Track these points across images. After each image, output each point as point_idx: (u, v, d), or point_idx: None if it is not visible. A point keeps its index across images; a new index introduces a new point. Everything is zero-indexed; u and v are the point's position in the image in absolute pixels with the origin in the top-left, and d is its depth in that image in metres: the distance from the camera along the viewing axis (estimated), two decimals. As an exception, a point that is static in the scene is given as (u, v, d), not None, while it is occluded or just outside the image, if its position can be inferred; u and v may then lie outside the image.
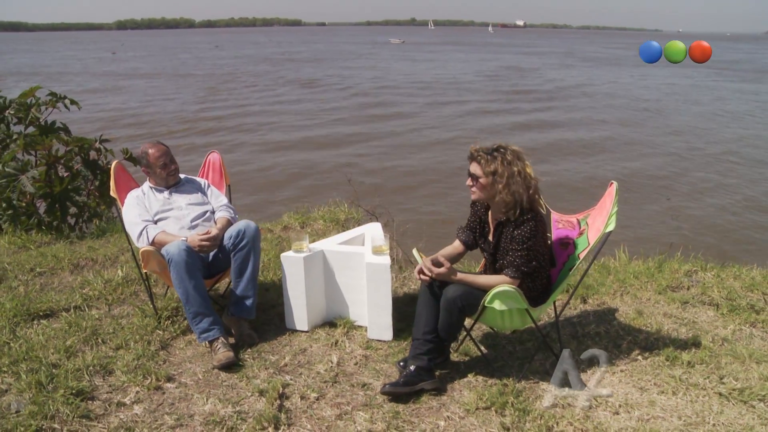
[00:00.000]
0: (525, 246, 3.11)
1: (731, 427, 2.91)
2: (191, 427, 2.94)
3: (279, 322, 4.02)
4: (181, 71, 45.12)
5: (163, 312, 4.04)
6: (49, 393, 3.09)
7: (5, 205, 6.11)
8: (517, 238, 3.13)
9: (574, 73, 42.56)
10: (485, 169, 3.12)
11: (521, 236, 3.11)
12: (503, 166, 3.09)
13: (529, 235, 3.11)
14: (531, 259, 3.14)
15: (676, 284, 4.63)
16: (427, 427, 2.94)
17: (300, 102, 27.38)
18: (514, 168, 3.10)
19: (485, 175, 3.13)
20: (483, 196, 3.21)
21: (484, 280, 3.19)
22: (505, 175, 3.09)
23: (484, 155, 3.13)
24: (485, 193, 3.18)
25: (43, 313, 4.07)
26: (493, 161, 3.10)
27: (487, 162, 3.11)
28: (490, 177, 3.12)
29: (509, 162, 3.10)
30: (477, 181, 3.17)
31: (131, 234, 3.89)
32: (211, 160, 4.60)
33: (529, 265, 3.14)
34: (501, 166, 3.09)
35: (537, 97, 29.09)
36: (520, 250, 3.12)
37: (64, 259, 5.08)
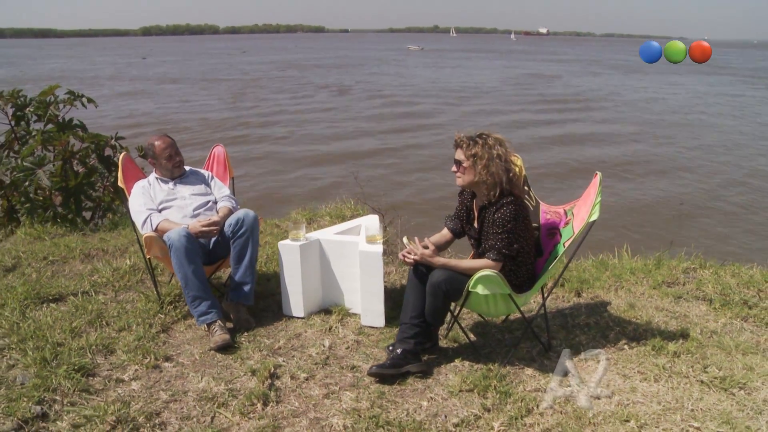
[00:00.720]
0: (505, 229, 3.21)
1: (708, 412, 2.96)
2: (184, 402, 3.07)
3: (277, 309, 4.15)
4: (211, 76, 45.60)
5: (166, 297, 4.19)
6: (52, 368, 3.25)
7: (23, 198, 6.32)
8: (497, 221, 3.23)
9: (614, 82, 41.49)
10: (467, 152, 3.25)
11: (501, 219, 3.22)
12: (483, 149, 3.23)
13: (509, 218, 3.21)
14: (512, 241, 3.23)
15: (672, 280, 4.67)
16: (410, 406, 3.04)
17: (328, 108, 27.29)
18: (494, 151, 3.23)
19: (467, 158, 3.25)
20: (466, 181, 3.32)
21: (466, 264, 3.29)
22: (485, 157, 3.22)
23: (467, 141, 3.26)
24: (467, 177, 3.30)
25: (52, 297, 4.24)
26: (475, 145, 3.24)
27: (469, 147, 3.25)
28: (471, 159, 3.24)
29: (490, 146, 3.23)
30: (460, 166, 3.29)
31: (136, 222, 4.04)
32: (216, 153, 4.75)
33: (510, 248, 3.24)
34: (481, 149, 3.23)
35: (571, 106, 28.12)
36: (501, 233, 3.23)
37: (75, 249, 5.26)
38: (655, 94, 33.64)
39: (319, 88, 35.65)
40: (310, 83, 38.89)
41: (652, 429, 2.83)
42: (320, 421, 2.92)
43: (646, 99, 31.47)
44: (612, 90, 35.97)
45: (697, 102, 30.55)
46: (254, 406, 3.02)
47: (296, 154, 17.31)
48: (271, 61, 66.61)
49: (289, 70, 52.18)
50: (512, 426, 2.87)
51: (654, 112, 26.41)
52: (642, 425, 2.85)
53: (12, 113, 6.91)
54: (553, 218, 3.62)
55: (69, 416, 2.88)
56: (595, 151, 17.73)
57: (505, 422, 2.88)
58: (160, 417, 2.95)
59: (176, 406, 3.04)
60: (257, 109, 26.70)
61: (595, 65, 62.05)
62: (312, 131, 21.05)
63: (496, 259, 3.24)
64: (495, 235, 3.25)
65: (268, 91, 34.33)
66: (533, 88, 36.48)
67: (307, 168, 15.68)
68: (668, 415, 2.93)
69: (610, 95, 32.90)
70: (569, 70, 54.18)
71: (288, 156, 17.16)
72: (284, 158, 16.91)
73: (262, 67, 55.89)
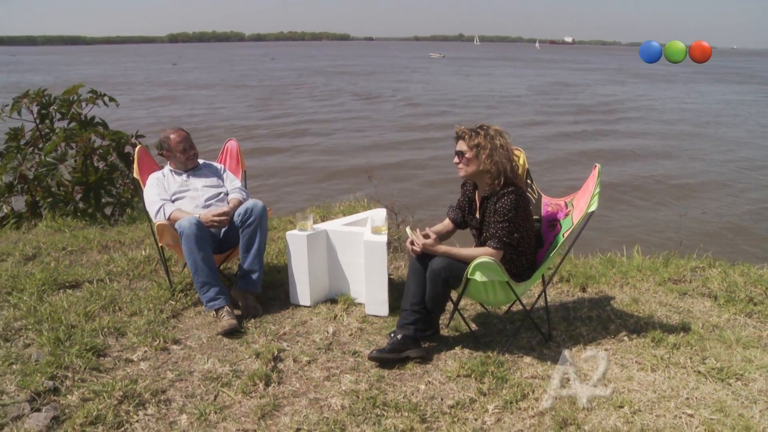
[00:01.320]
0: (506, 218, 3.28)
1: (703, 401, 2.99)
2: (189, 382, 3.17)
3: (284, 299, 4.24)
4: (240, 82, 46.08)
5: (178, 285, 4.30)
6: (65, 348, 3.37)
7: (45, 193, 6.51)
8: (498, 210, 3.30)
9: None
10: (469, 143, 3.32)
11: (502, 208, 3.28)
12: (486, 139, 3.30)
13: (510, 207, 3.27)
14: (512, 230, 3.30)
15: (678, 277, 4.68)
16: (408, 389, 3.11)
17: (356, 116, 27.24)
18: (497, 141, 3.31)
19: (470, 148, 3.32)
20: (469, 171, 3.40)
21: (466, 252, 3.36)
22: (488, 147, 3.29)
23: (469, 132, 3.34)
24: (471, 167, 3.37)
25: (69, 284, 4.38)
26: (477, 136, 3.32)
27: (471, 138, 3.32)
28: (474, 150, 3.32)
29: (492, 137, 3.31)
30: (463, 157, 3.36)
31: (150, 211, 4.17)
32: (228, 147, 4.88)
33: (511, 237, 3.30)
34: (484, 140, 3.30)
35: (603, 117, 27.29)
36: (501, 221, 3.29)
37: (93, 240, 5.42)
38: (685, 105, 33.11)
39: (347, 95, 35.75)
40: (340, 90, 39.02)
41: (645, 415, 2.86)
42: (319, 401, 3.00)
43: (676, 109, 30.90)
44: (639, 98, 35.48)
45: (726, 110, 29.98)
46: (256, 386, 3.11)
47: (324, 162, 17.35)
48: (300, 68, 67.11)
49: (317, 77, 52.49)
50: (507, 409, 2.92)
51: (685, 122, 25.75)
52: (635, 411, 2.89)
53: (37, 111, 7.13)
54: (554, 210, 3.67)
55: (79, 391, 3.00)
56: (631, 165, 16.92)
57: (499, 405, 2.94)
58: (166, 394, 3.05)
59: (181, 385, 3.14)
60: (286, 116, 26.67)
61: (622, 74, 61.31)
62: (340, 139, 21.03)
63: (497, 247, 3.31)
64: (496, 224, 3.32)
65: (296, 97, 34.53)
66: (561, 97, 35.99)
67: (333, 176, 15.66)
68: (662, 403, 2.97)
69: (638, 104, 32.36)
70: (598, 78, 53.63)
71: (316, 165, 17.22)
72: (313, 166, 16.95)
73: (291, 74, 56.33)
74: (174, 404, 2.97)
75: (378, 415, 2.86)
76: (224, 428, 2.78)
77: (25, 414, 2.79)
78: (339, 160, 17.43)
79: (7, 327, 3.65)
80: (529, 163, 3.81)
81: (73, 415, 2.79)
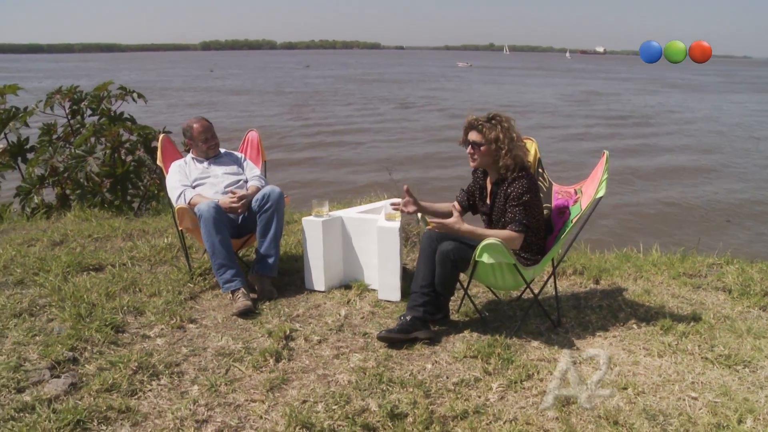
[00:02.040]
0: (522, 201, 3.34)
1: (708, 385, 3.00)
2: (203, 357, 3.27)
3: (300, 285, 4.33)
4: (276, 88, 46.44)
5: (197, 270, 4.42)
6: (86, 323, 3.50)
7: (74, 185, 6.72)
8: (512, 195, 3.36)
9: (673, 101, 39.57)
10: (487, 136, 3.37)
11: (516, 192, 3.34)
12: (503, 132, 3.35)
13: (524, 190, 3.33)
14: (530, 213, 3.35)
15: (693, 272, 4.66)
16: (414, 368, 3.16)
17: (391, 121, 27.24)
18: (513, 134, 3.36)
19: (487, 142, 3.37)
20: (483, 163, 3.45)
21: (491, 233, 3.39)
22: (506, 141, 3.34)
23: (485, 123, 3.38)
24: (486, 160, 3.43)
25: (93, 267, 4.53)
26: (494, 129, 3.36)
27: (489, 130, 3.36)
28: (493, 144, 3.37)
29: (507, 129, 3.36)
30: (478, 149, 3.42)
31: (171, 197, 4.30)
32: (249, 137, 5.00)
33: (530, 219, 3.37)
34: (501, 133, 3.35)
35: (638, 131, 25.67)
36: (518, 205, 3.35)
37: (118, 229, 5.58)
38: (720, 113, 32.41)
39: (383, 102, 35.77)
40: (376, 97, 38.97)
41: (648, 397, 2.88)
42: (327, 377, 3.07)
43: (711, 117, 30.19)
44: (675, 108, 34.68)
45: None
46: (267, 361, 3.20)
47: (361, 164, 17.44)
48: (334, 76, 67.44)
49: (351, 84, 52.65)
50: (511, 388, 2.96)
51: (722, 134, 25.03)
52: (639, 393, 2.91)
53: (69, 107, 7.36)
54: (564, 197, 3.71)
55: (96, 362, 3.12)
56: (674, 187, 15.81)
57: (503, 384, 2.98)
58: (179, 367, 3.15)
59: (195, 359, 3.24)
60: (322, 123, 26.67)
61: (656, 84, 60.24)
62: (377, 145, 21.05)
63: (519, 230, 3.36)
64: (512, 207, 3.37)
65: (333, 104, 34.58)
66: (594, 106, 35.27)
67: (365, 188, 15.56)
68: (667, 386, 2.98)
69: (674, 114, 31.59)
70: (631, 87, 52.85)
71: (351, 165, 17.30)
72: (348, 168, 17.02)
73: (325, 81, 56.60)
74: (186, 376, 3.07)
75: (383, 390, 2.92)
76: (233, 398, 2.86)
77: (45, 380, 2.92)
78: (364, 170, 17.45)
79: (32, 303, 3.80)
80: (566, 173, 3.83)
81: (90, 383, 2.91)
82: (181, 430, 2.61)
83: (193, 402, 2.81)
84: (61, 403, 2.73)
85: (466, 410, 2.75)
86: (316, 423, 2.64)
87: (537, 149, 3.88)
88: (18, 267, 4.43)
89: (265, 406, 2.80)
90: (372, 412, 2.73)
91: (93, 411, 2.67)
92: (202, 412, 2.74)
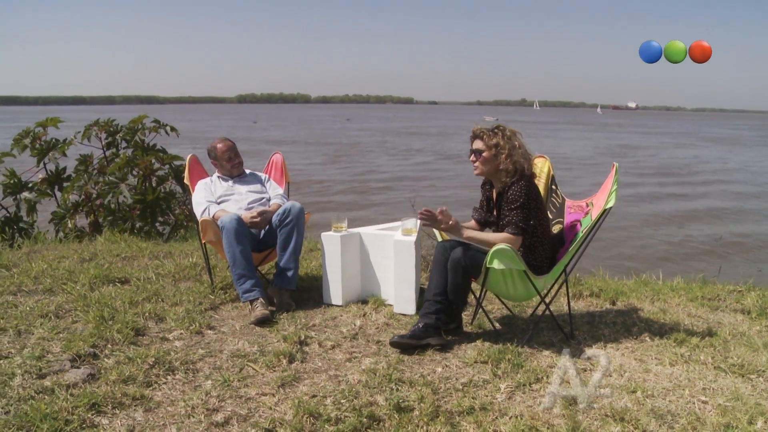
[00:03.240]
0: (519, 204, 3.41)
1: (719, 391, 2.97)
2: (218, 358, 3.35)
3: (318, 299, 4.40)
4: (324, 140, 46.25)
5: (219, 284, 4.54)
6: (108, 325, 3.62)
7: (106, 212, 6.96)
8: (509, 198, 3.43)
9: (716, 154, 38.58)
10: (488, 143, 3.48)
11: (513, 195, 3.42)
12: (504, 140, 3.46)
13: (520, 194, 3.40)
14: (527, 217, 3.41)
15: (712, 296, 4.63)
16: (425, 371, 3.20)
17: (431, 170, 27.38)
18: (515, 142, 3.46)
19: (488, 148, 3.48)
20: (485, 170, 3.55)
21: (488, 237, 3.47)
22: (506, 147, 3.45)
23: (487, 132, 3.51)
24: (488, 166, 3.53)
25: (119, 280, 4.68)
26: (495, 136, 3.48)
27: (490, 137, 3.49)
28: (493, 149, 3.48)
29: (509, 137, 3.48)
30: (480, 156, 3.52)
31: (196, 212, 4.46)
32: (274, 160, 5.17)
33: (527, 223, 3.41)
34: (502, 140, 3.46)
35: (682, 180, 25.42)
36: (515, 208, 3.42)
37: (146, 249, 5.76)
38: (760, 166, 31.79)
39: (426, 153, 35.95)
40: (416, 149, 38.94)
41: (658, 400, 2.87)
42: (338, 377, 3.12)
43: (748, 169, 29.60)
44: (714, 161, 34.09)
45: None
46: (280, 362, 3.26)
47: (391, 204, 17.50)
48: (375, 128, 67.87)
49: (391, 136, 52.62)
50: (519, 389, 2.97)
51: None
52: (648, 395, 2.90)
53: (105, 139, 7.68)
54: (576, 211, 3.76)
55: (114, 357, 3.22)
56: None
57: (511, 385, 3.00)
58: (195, 365, 3.23)
59: (210, 359, 3.32)
60: (361, 170, 26.84)
61: (691, 137, 59.40)
62: (407, 188, 21.13)
63: (514, 232, 3.42)
64: (509, 211, 3.44)
65: (376, 155, 34.58)
66: (631, 159, 34.57)
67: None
68: (677, 390, 2.97)
69: (714, 167, 31.00)
70: (669, 141, 52.24)
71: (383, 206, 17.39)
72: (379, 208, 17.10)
73: (366, 133, 56.92)
74: (201, 373, 3.14)
75: (392, 388, 2.95)
76: (245, 392, 2.93)
77: (65, 369, 3.02)
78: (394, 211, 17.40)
79: (58, 307, 3.94)
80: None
81: (107, 374, 3.00)
82: (192, 416, 2.68)
83: (205, 393, 2.88)
84: (78, 389, 2.83)
85: (473, 406, 2.77)
86: (324, 413, 2.68)
87: (550, 167, 3.96)
88: (48, 278, 4.61)
89: (275, 399, 2.85)
90: (379, 406, 2.76)
91: (108, 397, 2.76)
92: (214, 403, 2.80)
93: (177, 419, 2.66)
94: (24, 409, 2.59)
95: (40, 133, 7.53)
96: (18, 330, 3.53)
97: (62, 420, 2.53)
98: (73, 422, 2.53)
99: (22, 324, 3.62)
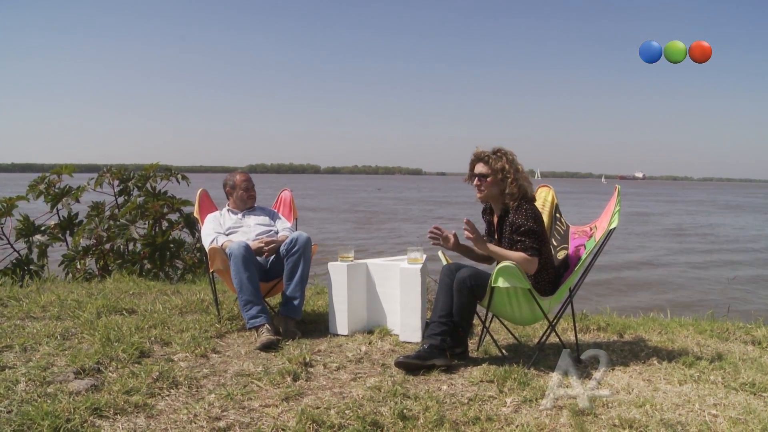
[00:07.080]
0: (528, 227, 3.44)
1: (730, 406, 2.92)
2: (222, 377, 3.33)
3: (324, 330, 4.39)
4: (354, 207, 45.83)
5: (225, 314, 4.54)
6: (114, 346, 3.62)
7: (116, 255, 7.03)
8: (516, 223, 3.47)
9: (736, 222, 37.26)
10: (493, 167, 3.54)
11: (521, 219, 3.46)
12: (508, 164, 3.52)
13: (527, 217, 3.45)
14: (539, 238, 3.44)
15: (721, 331, 4.59)
16: (430, 388, 3.17)
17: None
18: (517, 165, 3.53)
19: (494, 173, 3.54)
20: (489, 194, 3.60)
21: (510, 254, 3.49)
22: (511, 171, 3.51)
23: (491, 155, 3.58)
24: (492, 190, 3.59)
25: (126, 310, 4.69)
26: (499, 160, 3.55)
27: (495, 161, 3.55)
28: (499, 174, 3.53)
29: (512, 160, 3.54)
30: (485, 180, 3.58)
31: (205, 243, 4.51)
32: (283, 196, 5.25)
33: (540, 243, 3.44)
34: (507, 164, 3.52)
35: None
36: (525, 232, 3.45)
37: (153, 287, 5.79)
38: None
39: (451, 221, 35.60)
40: (443, 216, 38.62)
41: (666, 414, 2.82)
42: (342, 393, 3.09)
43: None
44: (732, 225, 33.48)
45: None
46: (284, 379, 3.24)
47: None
48: (405, 198, 66.56)
49: (419, 204, 52.00)
50: (525, 404, 2.94)
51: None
52: (657, 409, 2.86)
53: (117, 186, 7.82)
54: (580, 236, 3.79)
55: (118, 371, 3.21)
56: None
57: (518, 400, 2.96)
58: (198, 382, 3.21)
59: (214, 378, 3.30)
60: (389, 233, 26.21)
61: (705, 205, 58.74)
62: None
63: (532, 254, 3.44)
64: (520, 235, 3.46)
65: (399, 221, 34.09)
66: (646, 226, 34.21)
67: None
68: (687, 405, 2.93)
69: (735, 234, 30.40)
70: (683, 209, 51.59)
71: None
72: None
73: (398, 202, 55.93)
74: (204, 389, 3.12)
75: (397, 402, 2.92)
76: (248, 404, 2.90)
77: (69, 380, 3.02)
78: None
79: (65, 330, 3.97)
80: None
81: (111, 385, 2.99)
82: (194, 423, 2.66)
83: (208, 404, 2.86)
84: (81, 396, 2.82)
85: (478, 416, 2.74)
86: (327, 421, 2.66)
87: (554, 195, 4.02)
88: (56, 307, 4.64)
89: (278, 410, 2.83)
90: (383, 415, 2.73)
91: (110, 404, 2.75)
92: (216, 412, 2.78)
93: (179, 425, 2.64)
94: (26, 409, 2.59)
95: (54, 180, 7.68)
96: (24, 347, 3.56)
97: (63, 418, 2.53)
98: (74, 420, 2.53)
99: (29, 342, 3.63)
